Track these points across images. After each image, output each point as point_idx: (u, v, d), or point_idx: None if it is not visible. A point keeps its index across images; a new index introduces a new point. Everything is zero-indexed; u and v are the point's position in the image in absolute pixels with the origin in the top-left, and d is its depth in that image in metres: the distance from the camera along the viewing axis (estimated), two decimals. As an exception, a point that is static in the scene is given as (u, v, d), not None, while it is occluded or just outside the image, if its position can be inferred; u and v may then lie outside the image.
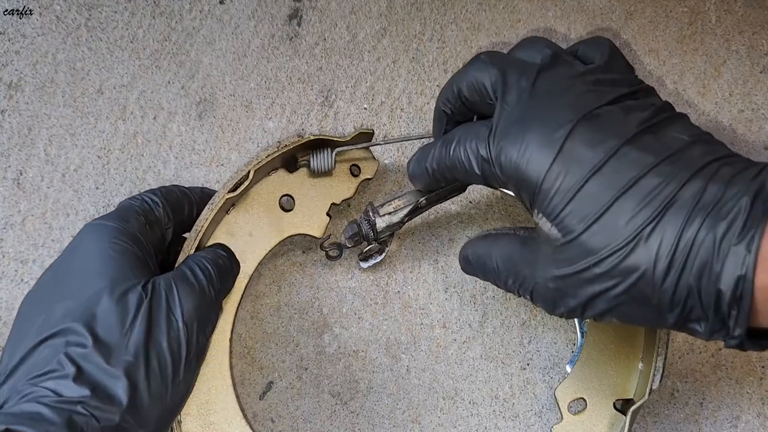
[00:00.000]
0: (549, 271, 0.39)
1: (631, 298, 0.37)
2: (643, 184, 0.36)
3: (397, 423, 0.53)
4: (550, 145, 0.38)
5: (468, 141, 0.43)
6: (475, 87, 0.44)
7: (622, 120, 0.38)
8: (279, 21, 0.60)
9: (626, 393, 0.50)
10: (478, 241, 0.47)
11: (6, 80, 0.58)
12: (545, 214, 0.39)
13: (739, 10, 0.60)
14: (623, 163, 0.36)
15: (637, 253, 0.35)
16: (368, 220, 0.51)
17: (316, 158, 0.53)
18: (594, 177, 0.37)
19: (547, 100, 0.40)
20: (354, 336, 0.55)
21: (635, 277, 0.36)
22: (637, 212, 0.35)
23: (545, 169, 0.38)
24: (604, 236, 0.36)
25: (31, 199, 0.56)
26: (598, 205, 0.36)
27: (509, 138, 0.40)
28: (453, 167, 0.44)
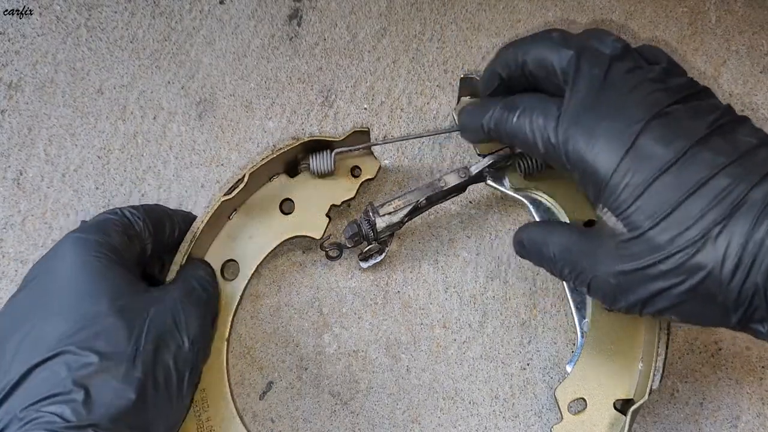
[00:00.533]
0: (611, 265, 0.39)
1: (696, 296, 0.37)
2: (713, 184, 0.36)
3: (397, 423, 0.53)
4: (621, 140, 0.38)
5: (534, 115, 0.42)
6: (542, 64, 0.43)
7: (692, 120, 0.38)
8: (279, 21, 0.60)
9: (626, 393, 0.50)
10: (533, 227, 0.47)
11: (6, 80, 0.58)
12: (611, 209, 0.39)
13: (739, 10, 0.60)
14: (694, 163, 0.37)
15: (705, 251, 0.36)
16: (368, 220, 0.51)
17: (316, 160, 0.53)
18: (664, 175, 0.37)
19: (618, 94, 0.40)
20: (354, 336, 0.55)
21: (701, 276, 0.36)
22: (707, 212, 0.36)
23: (615, 163, 0.38)
24: (672, 234, 0.36)
25: (31, 199, 0.56)
26: (667, 202, 0.37)
27: (579, 127, 0.40)
28: (513, 135, 0.44)
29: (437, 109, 0.59)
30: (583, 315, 0.52)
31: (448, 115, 0.59)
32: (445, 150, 0.58)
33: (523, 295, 0.55)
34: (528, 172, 0.53)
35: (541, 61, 0.43)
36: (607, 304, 0.41)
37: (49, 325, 0.39)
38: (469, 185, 0.53)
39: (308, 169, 0.54)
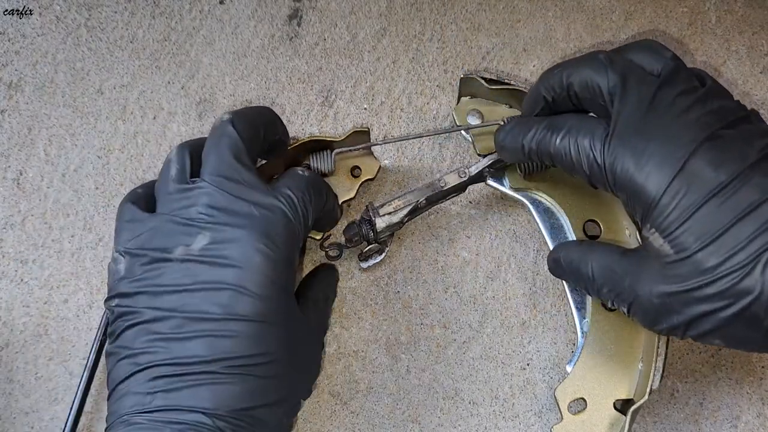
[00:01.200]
0: (656, 286, 0.39)
1: (741, 321, 0.37)
2: (764, 209, 0.36)
3: (397, 423, 0.53)
4: (671, 162, 0.38)
5: (579, 136, 0.42)
6: (588, 85, 0.43)
7: (743, 144, 0.39)
8: (279, 21, 0.60)
9: (626, 393, 0.50)
10: (572, 245, 0.47)
11: (6, 80, 0.58)
12: (659, 230, 0.39)
13: (739, 11, 0.60)
14: (745, 187, 0.37)
15: (753, 276, 0.36)
16: (368, 220, 0.51)
17: (316, 160, 0.53)
18: (714, 198, 0.37)
19: (667, 116, 0.40)
20: (354, 336, 0.55)
21: (748, 301, 0.36)
22: (757, 236, 0.36)
23: (665, 185, 0.38)
24: (720, 257, 0.36)
25: (31, 199, 0.56)
26: (716, 225, 0.37)
27: (627, 148, 0.40)
28: (557, 155, 0.44)
29: (437, 109, 0.59)
30: (583, 315, 0.52)
31: (448, 115, 0.59)
32: (445, 150, 0.58)
33: (523, 295, 0.55)
34: (528, 172, 0.53)
35: (588, 83, 0.43)
36: (648, 324, 0.41)
37: None
38: (469, 185, 0.53)
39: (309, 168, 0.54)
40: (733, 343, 0.39)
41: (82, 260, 0.55)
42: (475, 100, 0.57)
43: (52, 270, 0.55)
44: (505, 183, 0.54)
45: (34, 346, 0.54)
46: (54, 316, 0.54)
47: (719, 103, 0.41)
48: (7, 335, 0.54)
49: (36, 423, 0.52)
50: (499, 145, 0.49)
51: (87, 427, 0.52)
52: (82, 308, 0.54)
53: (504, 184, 0.54)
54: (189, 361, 0.38)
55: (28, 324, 0.54)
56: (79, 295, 0.55)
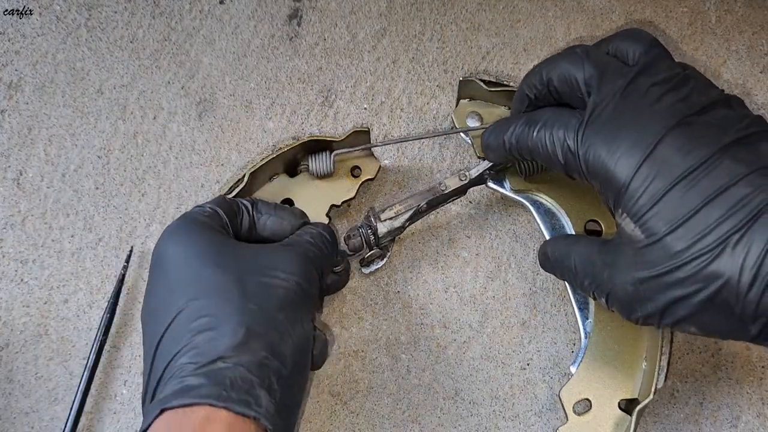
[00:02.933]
0: (629, 273, 0.39)
1: (713, 306, 0.36)
2: (732, 192, 0.36)
3: (397, 423, 0.53)
4: (641, 147, 0.38)
5: (555, 128, 0.43)
6: (566, 79, 0.44)
7: (715, 129, 0.38)
8: (279, 21, 0.60)
9: (631, 393, 0.50)
10: (558, 239, 0.47)
11: (6, 80, 0.58)
12: (630, 215, 0.39)
13: (739, 10, 0.60)
14: (714, 171, 0.37)
15: (722, 259, 0.35)
16: (369, 225, 0.51)
17: (316, 161, 0.53)
18: (683, 181, 0.37)
19: (641, 104, 0.40)
20: (354, 336, 0.55)
21: (719, 285, 0.36)
22: (725, 219, 0.36)
23: (634, 169, 0.38)
24: (689, 240, 0.36)
25: (31, 199, 0.56)
26: (685, 209, 0.37)
27: (599, 136, 0.40)
28: (534, 148, 0.45)
29: (437, 109, 0.59)
30: (585, 315, 0.52)
31: (448, 114, 0.59)
32: (445, 150, 0.58)
33: (523, 295, 0.55)
34: (528, 174, 0.53)
35: (566, 77, 0.44)
36: (625, 314, 0.41)
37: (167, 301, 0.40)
38: (469, 188, 0.53)
39: (308, 170, 0.54)
40: (707, 330, 0.38)
41: (82, 260, 0.55)
42: (474, 103, 0.57)
43: (52, 270, 0.55)
44: (506, 185, 0.54)
45: (34, 346, 0.54)
46: (54, 316, 0.54)
47: (694, 89, 0.41)
48: (7, 335, 0.54)
49: (36, 423, 0.52)
50: (484, 145, 0.50)
51: (87, 427, 0.52)
52: (82, 308, 0.54)
53: (505, 187, 0.54)
54: None
55: (29, 324, 0.54)
56: (79, 295, 0.55)
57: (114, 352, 0.54)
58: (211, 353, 0.37)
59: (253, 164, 0.52)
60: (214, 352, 0.37)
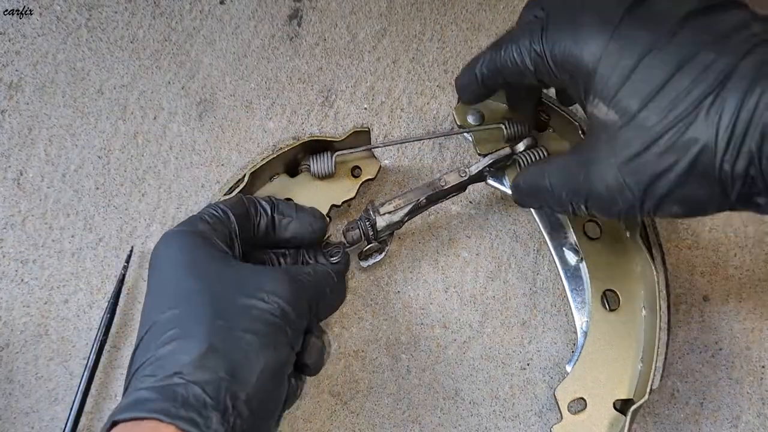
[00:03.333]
0: (607, 163, 0.38)
1: (693, 175, 0.36)
2: (699, 59, 0.36)
3: (397, 423, 0.53)
4: (604, 28, 0.38)
5: (520, 39, 0.43)
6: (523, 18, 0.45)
7: (674, 3, 0.38)
8: (279, 21, 0.60)
9: (626, 393, 0.50)
10: (529, 167, 0.47)
11: (6, 80, 0.58)
12: (602, 98, 0.38)
13: (739, 10, 0.60)
14: (679, 41, 0.36)
15: (697, 125, 0.35)
16: (368, 219, 0.51)
17: (316, 162, 0.53)
18: (650, 55, 0.37)
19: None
20: (354, 336, 0.55)
21: (696, 151, 0.35)
22: (695, 86, 0.35)
23: (601, 50, 0.38)
24: (663, 112, 0.36)
25: (32, 199, 0.56)
26: (655, 81, 0.36)
27: (562, 29, 0.40)
28: (504, 68, 0.44)
29: (437, 109, 0.59)
30: (583, 315, 0.52)
31: (449, 115, 0.59)
32: (445, 150, 0.58)
33: (523, 295, 0.55)
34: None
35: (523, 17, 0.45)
36: (606, 211, 0.40)
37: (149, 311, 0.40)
38: (469, 184, 0.53)
39: (309, 170, 0.54)
40: (689, 206, 0.38)
41: (83, 260, 0.55)
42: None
43: (52, 270, 0.55)
44: (506, 183, 0.54)
45: (34, 346, 0.54)
46: (54, 316, 0.54)
47: None
48: (7, 335, 0.54)
49: (36, 423, 0.52)
50: (458, 87, 0.49)
51: (87, 427, 0.52)
52: (82, 308, 0.54)
53: (504, 184, 0.54)
54: None
55: (29, 324, 0.54)
56: (80, 295, 0.55)
57: (114, 352, 0.54)
58: (170, 367, 0.37)
59: (253, 164, 0.52)
60: (173, 366, 0.37)
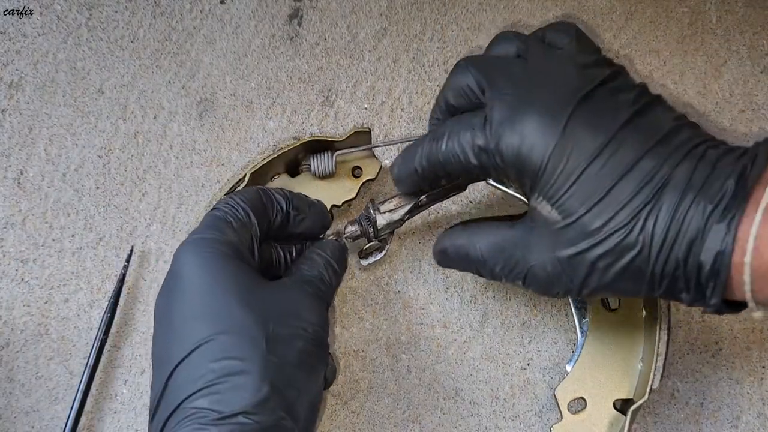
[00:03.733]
0: (548, 253, 0.40)
1: (628, 273, 0.39)
2: (640, 166, 0.38)
3: (397, 423, 0.53)
4: (551, 129, 0.39)
5: (461, 133, 0.43)
6: (460, 91, 0.44)
7: (614, 102, 0.40)
8: (279, 21, 0.60)
9: (626, 393, 0.50)
10: (457, 231, 0.47)
11: (7, 80, 0.58)
12: (546, 197, 0.40)
13: (739, 11, 0.60)
14: (622, 147, 0.38)
15: (635, 232, 0.38)
16: (369, 217, 0.51)
17: (317, 162, 0.53)
18: (595, 161, 0.38)
19: (539, 85, 0.41)
20: (354, 336, 0.55)
21: (633, 255, 0.38)
22: (635, 194, 0.38)
23: (548, 152, 0.39)
24: (605, 218, 0.38)
25: (32, 199, 0.56)
26: (599, 187, 0.38)
27: (508, 124, 0.41)
28: (446, 162, 0.44)
29: (438, 109, 0.59)
30: (583, 314, 0.52)
31: (449, 115, 0.59)
32: (446, 150, 0.58)
33: (523, 295, 0.55)
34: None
35: (459, 90, 0.44)
36: (543, 291, 0.43)
37: (187, 327, 0.40)
38: (469, 183, 0.53)
39: (309, 170, 0.54)
40: (620, 294, 0.41)
41: (83, 260, 0.55)
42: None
43: (52, 269, 0.55)
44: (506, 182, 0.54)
45: (34, 346, 0.54)
46: (54, 316, 0.54)
47: (585, 61, 0.42)
48: (7, 335, 0.54)
49: (36, 422, 0.52)
50: (395, 178, 0.49)
51: (87, 427, 0.52)
52: (82, 308, 0.54)
53: (505, 183, 0.54)
54: None
55: (29, 323, 0.54)
56: (80, 295, 0.55)
57: (114, 351, 0.54)
58: (234, 405, 0.37)
59: (254, 164, 0.52)
60: (237, 404, 0.37)
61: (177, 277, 0.42)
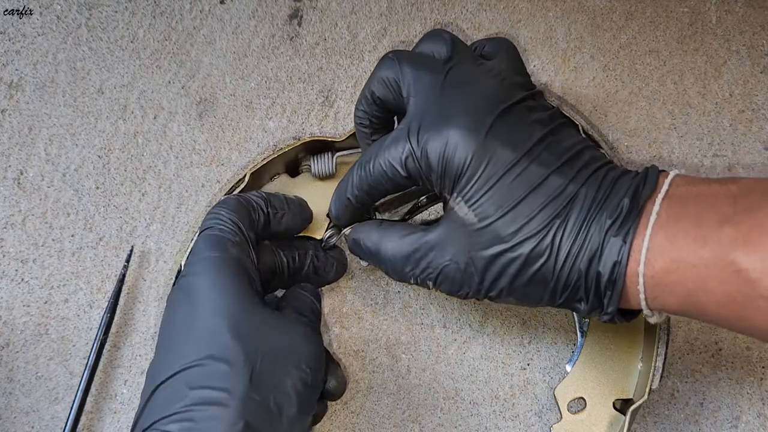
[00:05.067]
0: (462, 253, 0.43)
1: (533, 281, 0.42)
2: (551, 181, 0.41)
3: (397, 423, 0.53)
4: (474, 135, 0.42)
5: (387, 150, 0.45)
6: (385, 84, 0.46)
7: (530, 120, 0.43)
8: (279, 21, 0.60)
9: (626, 393, 0.50)
10: (372, 228, 0.48)
11: (6, 80, 0.58)
12: (464, 199, 0.42)
13: (739, 11, 0.60)
14: (534, 162, 0.41)
15: (544, 242, 0.40)
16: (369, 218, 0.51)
17: (317, 163, 0.53)
18: (511, 171, 0.41)
19: (462, 92, 0.44)
20: (354, 336, 0.55)
21: (540, 263, 0.41)
22: (545, 206, 0.41)
23: (470, 156, 0.42)
24: (517, 225, 0.41)
25: (32, 199, 0.56)
26: (513, 196, 0.41)
27: (433, 129, 0.43)
28: (377, 182, 0.46)
29: (437, 109, 0.59)
30: (583, 315, 0.52)
31: (449, 115, 0.59)
32: (446, 150, 0.58)
33: (523, 295, 0.55)
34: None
35: (385, 82, 0.46)
36: (452, 291, 0.44)
37: (179, 346, 0.40)
38: None
39: (309, 171, 0.54)
40: (523, 301, 0.43)
41: (83, 260, 0.55)
42: None
43: (52, 269, 0.55)
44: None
45: (34, 346, 0.54)
46: (54, 316, 0.54)
47: (511, 77, 0.45)
48: (7, 335, 0.54)
49: (36, 422, 0.52)
50: (334, 217, 0.50)
51: (87, 426, 0.52)
52: (82, 308, 0.54)
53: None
54: None
55: (29, 323, 0.54)
56: (80, 295, 0.55)
57: (114, 351, 0.54)
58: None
59: (254, 164, 0.52)
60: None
61: (185, 293, 0.42)
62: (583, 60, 0.59)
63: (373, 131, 0.49)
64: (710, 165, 0.57)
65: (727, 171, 0.57)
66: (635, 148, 0.58)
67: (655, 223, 0.39)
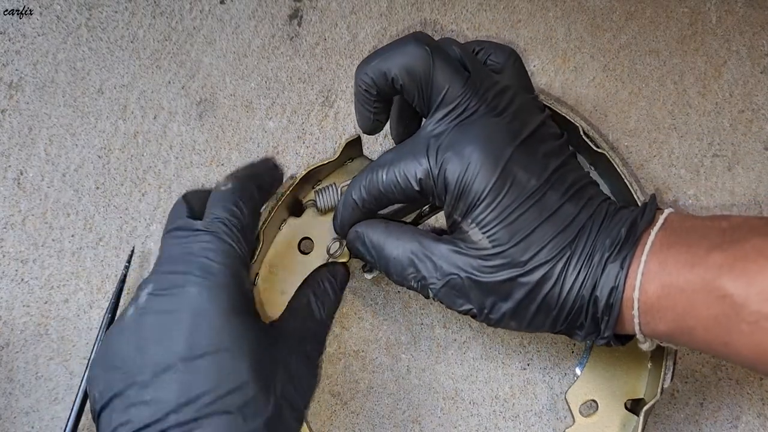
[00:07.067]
0: (470, 271, 0.43)
1: (540, 306, 0.43)
2: (563, 211, 0.43)
3: (397, 423, 0.53)
4: (493, 164, 0.43)
5: (404, 162, 0.45)
6: (411, 75, 0.45)
7: (544, 150, 0.44)
8: (279, 21, 0.60)
9: (636, 393, 0.50)
10: (378, 226, 0.48)
11: (6, 80, 0.58)
12: (479, 225, 0.43)
13: (739, 11, 0.60)
14: (549, 191, 0.43)
15: (554, 269, 0.42)
16: None
17: (323, 198, 0.52)
18: (526, 201, 0.43)
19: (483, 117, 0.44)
20: (354, 336, 0.55)
21: (547, 289, 0.42)
22: (556, 235, 0.42)
23: (489, 186, 0.43)
24: (531, 253, 0.42)
25: (32, 199, 0.56)
26: (527, 224, 0.42)
27: (452, 150, 0.43)
28: (388, 191, 0.46)
29: (438, 109, 0.59)
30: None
31: (449, 115, 0.59)
32: (446, 150, 0.58)
33: (523, 295, 0.55)
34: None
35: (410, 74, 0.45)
36: (449, 304, 0.45)
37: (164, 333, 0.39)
38: None
39: (315, 206, 0.53)
40: (525, 326, 0.44)
41: (83, 260, 0.55)
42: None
43: (52, 270, 0.55)
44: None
45: (34, 346, 0.54)
46: (54, 316, 0.54)
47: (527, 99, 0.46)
48: (7, 335, 0.54)
49: (36, 423, 0.52)
50: (339, 224, 0.49)
51: (87, 427, 0.52)
52: (82, 308, 0.54)
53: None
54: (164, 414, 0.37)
55: (29, 323, 0.54)
56: (80, 295, 0.55)
57: (114, 351, 0.54)
58: None
59: (264, 223, 0.51)
60: None
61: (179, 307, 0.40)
62: (583, 60, 0.59)
63: (376, 100, 0.47)
64: (710, 165, 0.57)
65: (727, 171, 0.57)
66: (635, 148, 0.58)
67: (650, 250, 0.41)
